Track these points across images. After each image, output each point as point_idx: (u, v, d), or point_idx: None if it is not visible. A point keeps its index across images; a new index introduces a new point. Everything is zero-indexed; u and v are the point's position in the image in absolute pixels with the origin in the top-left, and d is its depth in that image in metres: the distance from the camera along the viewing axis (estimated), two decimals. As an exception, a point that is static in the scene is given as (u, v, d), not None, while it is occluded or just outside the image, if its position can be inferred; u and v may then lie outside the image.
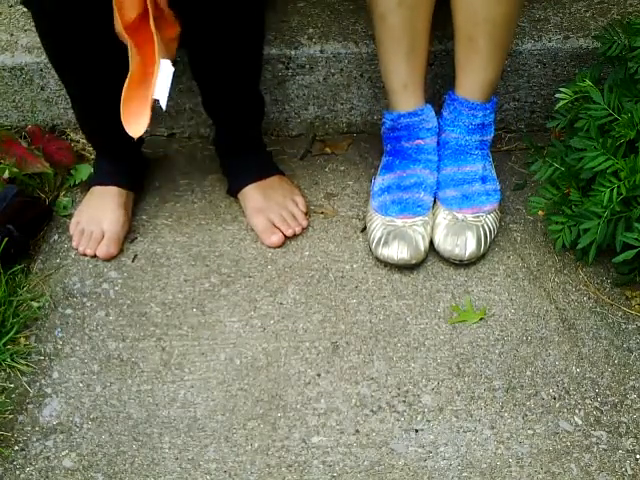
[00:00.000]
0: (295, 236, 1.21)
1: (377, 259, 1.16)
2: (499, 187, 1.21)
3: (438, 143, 1.20)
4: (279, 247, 1.19)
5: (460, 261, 1.14)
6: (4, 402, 1.00)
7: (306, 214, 1.23)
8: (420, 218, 1.16)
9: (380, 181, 1.21)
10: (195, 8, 0.99)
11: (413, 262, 1.13)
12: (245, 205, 1.23)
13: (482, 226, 1.15)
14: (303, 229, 1.21)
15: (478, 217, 1.16)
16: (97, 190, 1.22)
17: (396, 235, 1.13)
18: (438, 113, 1.19)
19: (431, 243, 1.16)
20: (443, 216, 1.17)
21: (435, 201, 1.20)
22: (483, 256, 1.17)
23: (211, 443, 0.97)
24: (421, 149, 1.19)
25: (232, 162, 1.25)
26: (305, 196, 1.26)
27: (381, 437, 0.98)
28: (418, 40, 1.12)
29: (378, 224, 1.16)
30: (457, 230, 1.14)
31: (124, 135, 1.22)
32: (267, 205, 1.21)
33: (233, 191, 1.25)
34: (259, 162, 1.25)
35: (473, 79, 1.15)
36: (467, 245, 1.13)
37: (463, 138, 1.18)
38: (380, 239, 1.14)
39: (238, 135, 1.23)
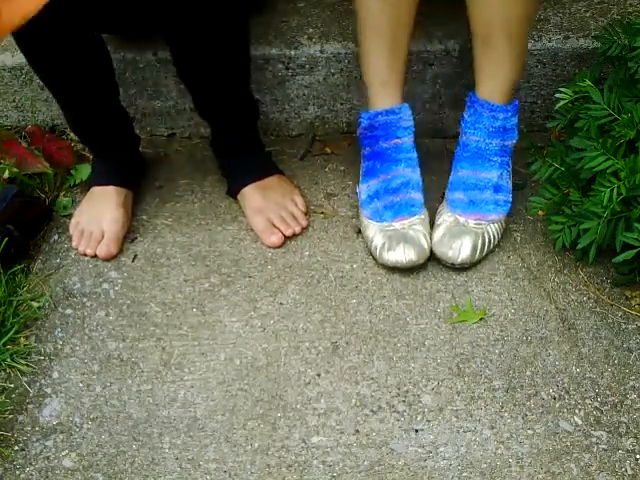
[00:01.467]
0: (295, 236, 1.21)
1: (383, 265, 1.15)
2: (511, 199, 1.20)
3: (458, 145, 1.20)
4: (279, 247, 1.19)
5: (452, 264, 1.13)
6: (4, 402, 1.00)
7: (306, 214, 1.23)
8: (416, 217, 1.15)
9: (365, 188, 1.20)
10: (176, 13, 0.99)
11: (421, 262, 1.13)
12: (245, 205, 1.23)
13: (482, 234, 1.14)
14: (303, 229, 1.21)
15: (480, 224, 1.15)
16: (96, 190, 1.22)
17: (399, 238, 1.13)
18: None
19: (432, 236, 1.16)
20: (445, 217, 1.16)
21: (442, 200, 1.20)
22: (479, 260, 1.16)
23: (211, 443, 0.97)
24: (399, 148, 1.18)
25: (230, 163, 1.25)
26: (305, 196, 1.26)
27: (381, 437, 0.98)
28: (400, 37, 1.11)
29: (376, 231, 1.15)
30: (455, 233, 1.14)
31: (118, 136, 1.22)
32: (266, 205, 1.21)
33: (232, 192, 1.25)
34: (258, 162, 1.25)
35: (493, 80, 1.14)
36: (461, 249, 1.12)
37: (483, 141, 1.17)
38: (384, 245, 1.13)
39: (233, 136, 1.22)
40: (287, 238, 1.20)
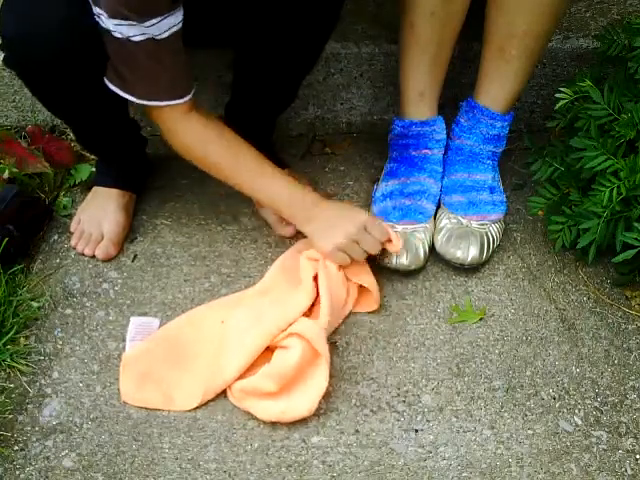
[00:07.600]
0: (294, 236, 1.20)
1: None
2: (505, 200, 1.20)
3: (450, 148, 1.20)
4: (291, 237, 1.19)
5: (461, 265, 1.13)
6: (4, 402, 1.00)
7: None
8: (421, 225, 1.15)
9: (383, 187, 1.21)
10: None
11: (412, 268, 1.13)
12: None
13: (486, 233, 1.15)
14: None
15: (483, 225, 1.15)
16: (100, 191, 1.22)
17: None
18: (439, 113, 1.19)
19: (432, 246, 1.16)
20: (447, 220, 1.16)
21: (439, 205, 1.20)
22: (485, 260, 1.16)
23: (211, 443, 0.97)
24: (428, 159, 1.19)
25: None
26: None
27: (381, 437, 0.98)
28: (443, 51, 1.12)
29: None
30: (461, 234, 1.14)
31: (126, 143, 1.21)
32: None
33: None
34: (269, 155, 1.24)
35: (500, 90, 1.15)
36: (470, 249, 1.12)
37: (478, 146, 1.18)
38: None
39: (263, 125, 1.23)
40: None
